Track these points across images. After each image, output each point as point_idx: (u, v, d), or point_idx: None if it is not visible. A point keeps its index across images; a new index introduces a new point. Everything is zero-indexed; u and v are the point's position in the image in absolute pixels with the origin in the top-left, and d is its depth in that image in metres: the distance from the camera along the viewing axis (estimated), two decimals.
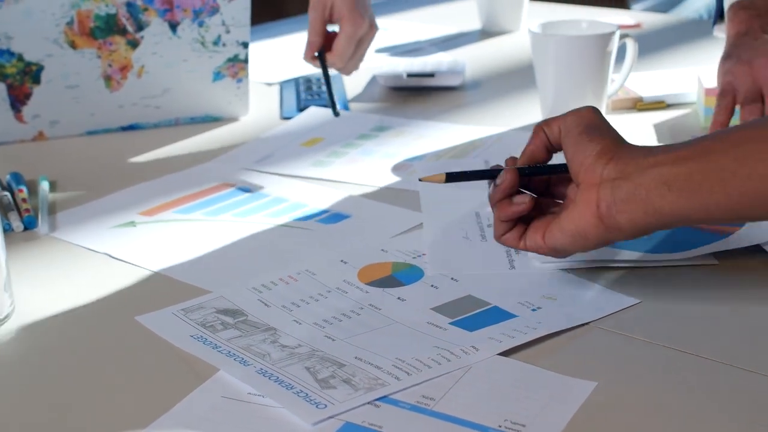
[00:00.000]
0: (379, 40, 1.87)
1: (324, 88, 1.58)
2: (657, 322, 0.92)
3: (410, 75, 1.58)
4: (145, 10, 1.37)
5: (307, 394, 0.82)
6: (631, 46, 1.42)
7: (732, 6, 1.35)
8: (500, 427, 0.78)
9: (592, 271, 1.01)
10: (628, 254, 1.02)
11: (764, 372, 0.84)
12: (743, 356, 0.86)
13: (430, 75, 1.57)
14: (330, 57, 1.50)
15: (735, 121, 1.28)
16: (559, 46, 1.36)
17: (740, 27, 1.31)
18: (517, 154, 0.99)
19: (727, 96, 1.24)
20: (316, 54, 1.51)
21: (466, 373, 0.85)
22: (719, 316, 0.94)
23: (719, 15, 1.39)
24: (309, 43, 1.51)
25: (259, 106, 1.53)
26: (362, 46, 1.49)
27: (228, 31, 1.41)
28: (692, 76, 1.50)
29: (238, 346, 0.89)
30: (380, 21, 1.98)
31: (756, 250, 1.02)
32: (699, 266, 1.02)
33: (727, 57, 1.30)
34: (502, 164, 0.99)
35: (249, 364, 0.86)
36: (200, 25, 1.40)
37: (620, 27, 1.77)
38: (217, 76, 1.43)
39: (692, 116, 1.44)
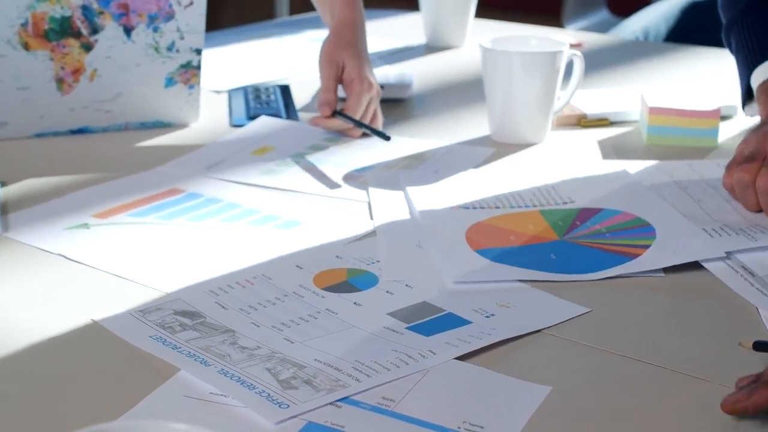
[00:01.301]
0: None
1: (273, 97, 1.59)
2: (607, 330, 0.95)
3: None
4: (101, 13, 1.38)
5: (269, 394, 0.83)
6: (578, 64, 1.45)
7: (764, 87, 1.33)
8: (459, 428, 0.80)
9: (546, 282, 1.03)
10: (531, 273, 1.04)
11: (711, 378, 0.87)
12: (690, 363, 0.89)
13: (380, 87, 1.59)
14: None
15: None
16: (510, 62, 1.38)
17: None
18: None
19: (737, 161, 1.20)
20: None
21: (425, 376, 0.87)
22: (667, 325, 0.97)
23: (747, 94, 1.37)
24: (325, 101, 1.44)
25: (207, 113, 1.53)
26: (371, 107, 1.46)
27: (182, 38, 1.42)
28: (635, 95, 1.54)
29: (198, 347, 0.90)
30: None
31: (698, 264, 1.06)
32: (647, 277, 1.05)
33: (753, 130, 1.26)
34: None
35: (210, 364, 0.87)
36: (155, 30, 1.41)
37: None
38: (170, 82, 1.44)
39: (635, 134, 1.48)
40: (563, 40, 1.43)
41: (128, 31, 1.40)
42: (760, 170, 1.15)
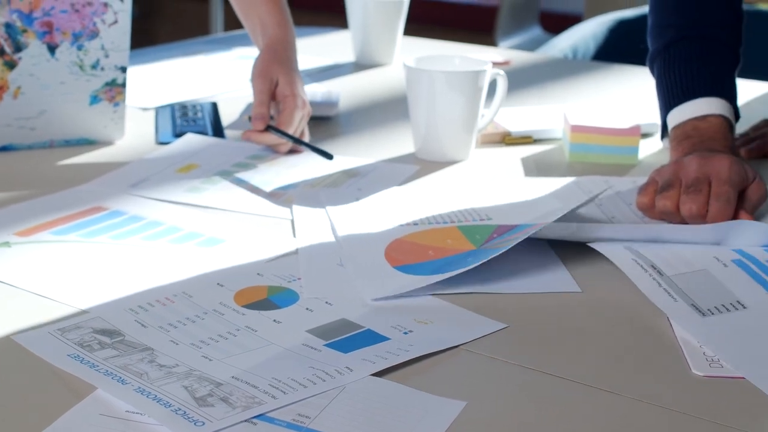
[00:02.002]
0: None
1: (200, 114, 1.59)
2: (523, 346, 0.96)
3: None
4: (24, 31, 1.37)
5: (185, 412, 0.83)
6: (501, 83, 1.47)
7: (676, 133, 1.36)
8: None
9: (463, 297, 1.05)
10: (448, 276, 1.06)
11: (625, 393, 0.88)
12: (604, 378, 0.91)
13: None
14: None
15: None
16: (433, 81, 1.40)
17: (682, 154, 1.31)
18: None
19: (651, 185, 1.25)
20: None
21: (341, 392, 0.87)
22: (581, 340, 0.98)
23: (664, 128, 1.41)
24: (258, 115, 1.43)
25: (134, 131, 1.53)
26: (301, 124, 1.46)
27: (107, 56, 1.42)
28: (558, 113, 1.56)
29: (116, 366, 0.90)
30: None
31: (619, 279, 1.07)
32: (564, 293, 1.06)
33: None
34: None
35: (127, 382, 0.87)
36: (79, 48, 1.40)
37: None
38: (94, 99, 1.44)
39: (557, 151, 1.50)
40: (490, 59, 1.45)
41: (52, 49, 1.40)
42: (680, 197, 1.20)
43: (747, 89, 1.83)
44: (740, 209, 1.22)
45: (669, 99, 1.40)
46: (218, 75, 1.88)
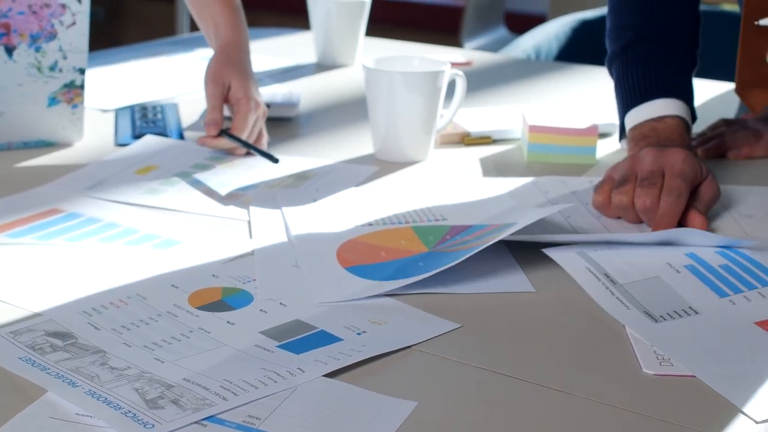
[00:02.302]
0: None
1: (160, 116, 1.59)
2: (476, 346, 0.97)
3: None
4: None
5: (135, 414, 0.83)
6: (460, 83, 1.47)
7: (634, 134, 1.38)
8: None
9: (417, 297, 1.05)
10: (397, 283, 1.06)
11: (576, 393, 0.89)
12: (556, 378, 0.91)
13: (266, 106, 1.60)
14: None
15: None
16: (391, 82, 1.40)
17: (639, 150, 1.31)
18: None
19: (606, 182, 1.26)
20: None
21: (292, 393, 0.87)
22: (535, 339, 0.99)
23: (622, 129, 1.42)
24: (211, 120, 1.43)
25: (93, 133, 1.53)
26: (256, 127, 1.46)
27: (65, 57, 1.42)
28: (518, 114, 1.56)
29: (67, 368, 0.90)
30: None
31: (573, 279, 1.08)
32: (518, 293, 1.07)
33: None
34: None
35: (77, 385, 0.87)
36: (37, 50, 1.40)
37: (452, 64, 1.83)
38: (53, 101, 1.43)
39: (516, 151, 1.51)
40: (451, 59, 1.45)
41: (9, 50, 1.39)
42: (635, 191, 1.21)
43: (707, 89, 1.84)
44: (692, 208, 1.22)
45: (627, 100, 1.41)
46: (180, 76, 1.88)
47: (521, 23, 3.81)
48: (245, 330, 0.98)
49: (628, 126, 1.40)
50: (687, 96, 1.40)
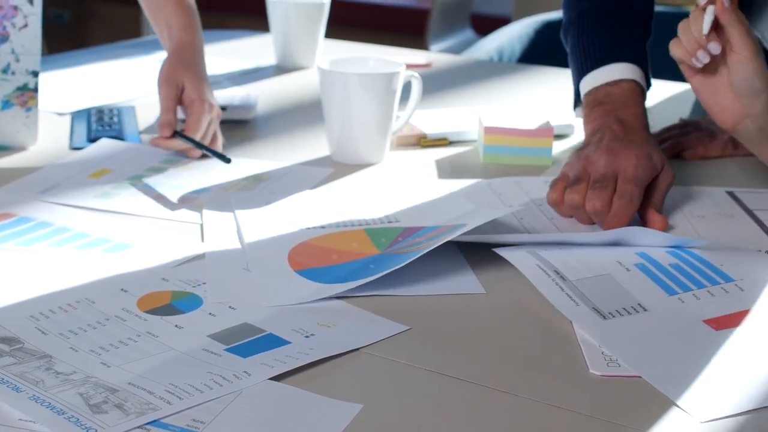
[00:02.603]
0: None
1: (116, 119, 1.59)
2: (424, 348, 0.97)
3: None
4: None
5: (78, 419, 0.83)
6: (416, 85, 1.47)
7: (589, 99, 1.38)
8: None
9: (366, 299, 1.05)
10: (346, 286, 1.06)
11: (522, 394, 0.89)
12: (503, 379, 0.91)
13: (222, 108, 1.59)
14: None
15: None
16: (346, 83, 1.40)
17: (595, 124, 1.33)
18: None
19: (561, 180, 1.26)
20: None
21: (237, 397, 0.87)
22: (483, 341, 0.99)
23: (577, 96, 1.43)
24: (165, 122, 1.43)
25: (48, 136, 1.52)
26: (210, 129, 1.45)
27: (17, 60, 1.41)
28: (475, 115, 1.56)
29: (12, 374, 0.89)
30: None
31: (524, 280, 1.08)
32: (468, 294, 1.07)
33: (576, 150, 1.32)
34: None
35: (21, 390, 0.87)
36: None
37: (411, 66, 1.83)
38: (6, 104, 1.43)
39: (472, 153, 1.51)
40: (412, 61, 1.45)
41: None
42: (587, 193, 1.21)
43: (663, 89, 1.85)
44: (650, 208, 1.23)
45: (582, 66, 1.41)
46: (138, 79, 1.87)
47: (488, 25, 3.81)
48: (193, 334, 0.98)
49: (583, 92, 1.40)
50: (642, 62, 1.40)
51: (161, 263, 1.13)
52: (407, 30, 4.29)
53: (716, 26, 1.19)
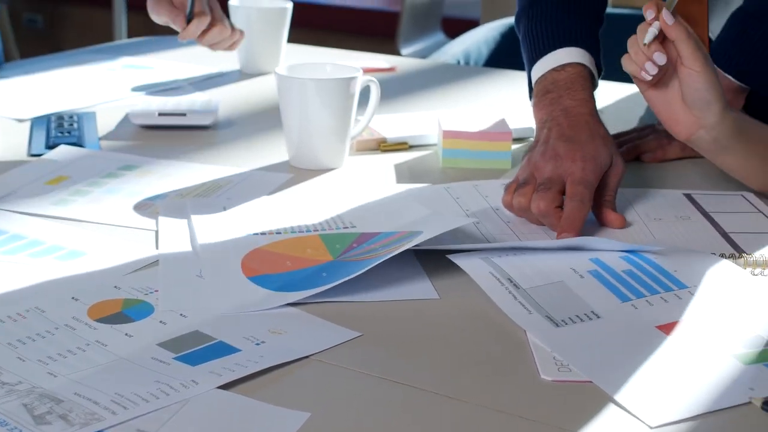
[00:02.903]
0: (138, 79, 1.88)
1: (76, 125, 1.58)
2: (375, 355, 0.96)
3: (162, 114, 1.59)
4: None
5: (20, 431, 0.82)
6: (374, 90, 1.47)
7: (538, 88, 1.39)
8: None
9: (319, 305, 1.04)
10: (299, 295, 1.05)
11: (472, 401, 0.89)
12: (453, 386, 0.91)
13: (182, 114, 1.59)
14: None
15: None
16: (302, 89, 1.39)
17: (542, 114, 1.35)
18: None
19: (513, 183, 1.28)
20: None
21: (184, 406, 0.87)
22: (435, 347, 0.98)
23: (531, 87, 1.44)
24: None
25: (7, 143, 1.51)
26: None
27: None
28: (434, 119, 1.56)
29: None
30: (144, 59, 2.00)
31: (475, 286, 1.08)
32: (421, 300, 1.07)
33: (527, 151, 1.33)
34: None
35: None
36: None
37: (374, 70, 1.83)
38: None
39: (432, 157, 1.50)
40: (376, 65, 1.43)
41: None
42: (533, 195, 1.22)
43: (618, 91, 1.85)
44: (604, 208, 1.24)
45: (531, 54, 1.42)
46: (102, 84, 1.86)
47: (459, 28, 3.81)
48: (143, 342, 0.97)
49: (533, 79, 1.40)
50: (591, 46, 1.40)
51: (114, 271, 1.12)
52: (378, 33, 4.29)
53: (664, 39, 1.20)
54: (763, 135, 1.28)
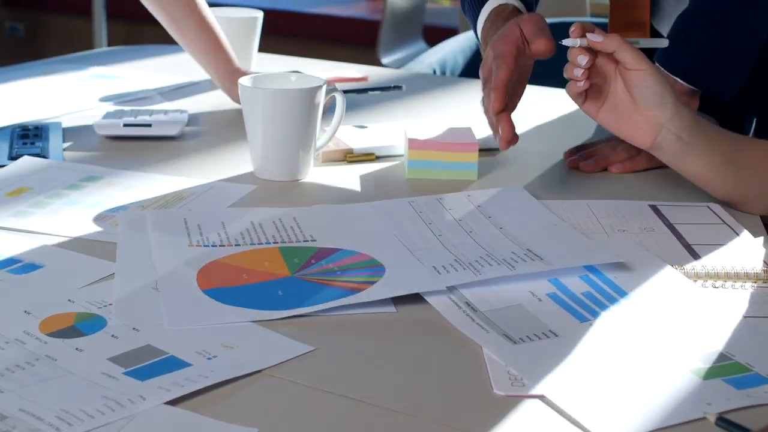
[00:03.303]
0: (107, 89, 1.87)
1: (40, 136, 1.57)
2: (328, 369, 0.95)
3: (127, 125, 1.58)
4: None
5: None
6: (339, 101, 1.46)
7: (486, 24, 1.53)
8: None
9: (274, 321, 1.03)
10: (255, 313, 1.04)
11: (423, 416, 0.88)
12: (405, 401, 0.90)
13: (148, 125, 1.58)
14: None
15: None
16: (264, 100, 1.38)
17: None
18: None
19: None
20: None
21: (130, 422, 0.85)
22: (389, 361, 0.97)
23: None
24: None
25: None
26: None
27: None
28: (400, 130, 1.55)
29: None
30: (114, 69, 1.99)
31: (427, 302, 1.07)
32: (378, 314, 1.06)
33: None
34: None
35: None
36: None
37: (346, 80, 1.82)
38: None
39: (399, 168, 1.49)
40: (347, 75, 1.41)
41: None
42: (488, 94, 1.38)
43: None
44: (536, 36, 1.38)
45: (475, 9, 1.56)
46: (69, 94, 1.85)
47: (440, 37, 3.81)
48: (93, 357, 0.96)
49: (480, 22, 1.54)
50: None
51: (69, 284, 1.11)
52: (359, 42, 4.29)
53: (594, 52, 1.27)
54: (723, 135, 1.31)
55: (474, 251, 1.17)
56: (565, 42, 1.26)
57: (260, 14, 1.92)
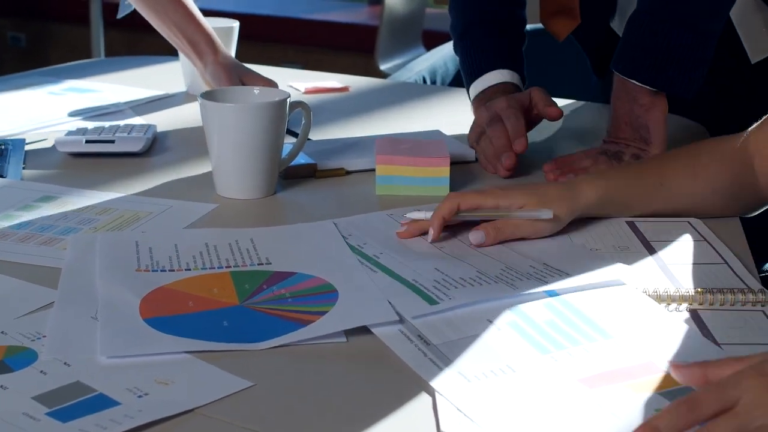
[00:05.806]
0: (78, 103, 1.82)
1: (2, 153, 1.51)
2: (266, 406, 0.89)
3: (89, 141, 1.52)
4: None
5: None
6: (305, 114, 1.40)
7: (475, 101, 1.63)
8: None
9: (213, 353, 0.97)
10: (196, 344, 0.98)
11: None
12: None
13: (110, 141, 1.52)
14: None
15: None
16: (222, 115, 1.32)
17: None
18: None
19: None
20: None
21: None
22: (334, 396, 0.91)
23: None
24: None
25: None
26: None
27: None
28: (370, 144, 1.49)
29: None
30: (89, 82, 1.93)
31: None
32: (327, 344, 0.99)
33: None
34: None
35: None
36: None
37: (327, 90, 1.77)
38: None
39: (370, 183, 1.42)
40: (328, 85, 1.36)
41: None
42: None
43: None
44: (547, 106, 1.49)
45: (467, 80, 1.66)
46: (38, 108, 1.79)
47: (440, 42, 3.75)
48: (17, 395, 0.90)
49: (472, 96, 1.63)
50: (514, 63, 1.63)
51: (5, 314, 1.05)
52: (358, 48, 4.23)
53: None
54: (638, 176, 1.29)
55: (427, 274, 1.10)
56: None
57: (236, 24, 1.87)
